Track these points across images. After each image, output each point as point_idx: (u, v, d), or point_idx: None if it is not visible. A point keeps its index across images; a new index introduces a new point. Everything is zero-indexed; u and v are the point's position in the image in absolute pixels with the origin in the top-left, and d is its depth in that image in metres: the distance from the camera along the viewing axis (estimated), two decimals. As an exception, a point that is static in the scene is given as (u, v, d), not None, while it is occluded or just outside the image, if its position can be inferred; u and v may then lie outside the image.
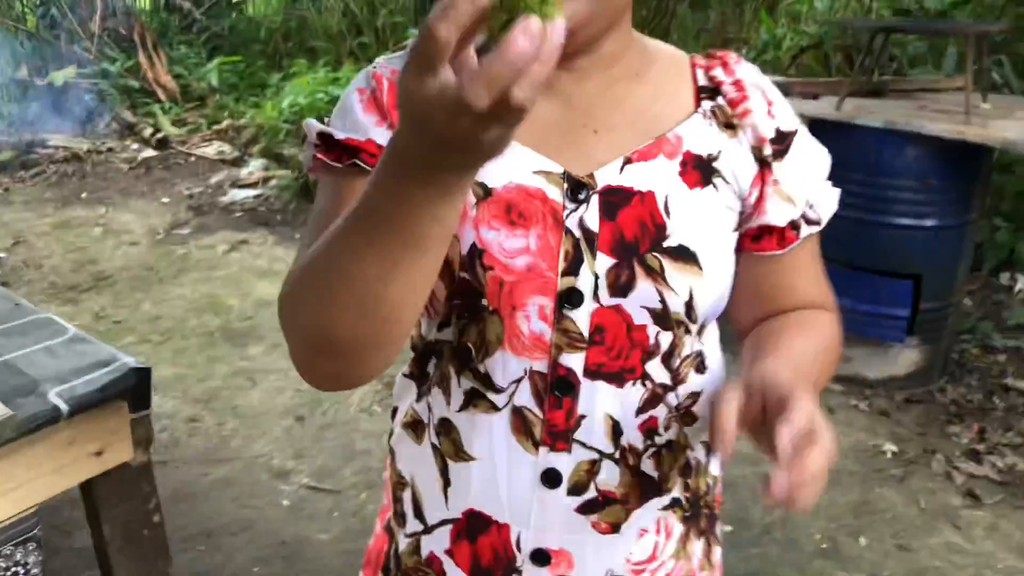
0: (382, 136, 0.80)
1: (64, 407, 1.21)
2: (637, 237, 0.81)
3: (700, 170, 0.84)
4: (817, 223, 0.89)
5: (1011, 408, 3.03)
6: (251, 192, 5.85)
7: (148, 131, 6.98)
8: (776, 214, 0.87)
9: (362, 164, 0.80)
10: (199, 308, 4.15)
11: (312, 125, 0.84)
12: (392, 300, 0.65)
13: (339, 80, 6.56)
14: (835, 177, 2.92)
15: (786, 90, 3.18)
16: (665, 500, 0.90)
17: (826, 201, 0.91)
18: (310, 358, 0.74)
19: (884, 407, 3.07)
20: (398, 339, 0.71)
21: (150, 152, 6.78)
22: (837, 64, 5.97)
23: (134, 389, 1.30)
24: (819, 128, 3.00)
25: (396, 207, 0.60)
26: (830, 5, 6.91)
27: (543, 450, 0.84)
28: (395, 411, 0.98)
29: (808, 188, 0.89)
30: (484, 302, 0.82)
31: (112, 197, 5.98)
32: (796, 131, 0.89)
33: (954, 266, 3.00)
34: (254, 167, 6.23)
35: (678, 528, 0.93)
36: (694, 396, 0.88)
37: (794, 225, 0.87)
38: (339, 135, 0.81)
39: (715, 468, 0.98)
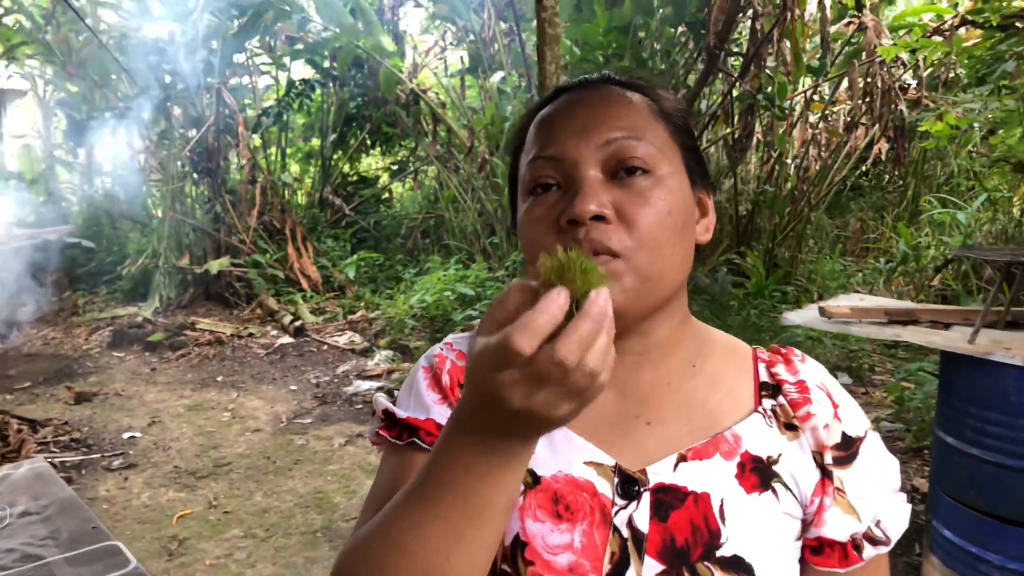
0: (441, 416, 0.82)
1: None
2: (689, 543, 0.75)
3: (759, 473, 0.79)
4: (884, 543, 0.80)
5: None
6: (375, 383, 5.99)
7: (288, 318, 7.36)
8: (837, 528, 0.79)
9: (420, 443, 0.80)
10: (306, 504, 4.16)
11: (379, 402, 0.86)
12: (454, 570, 0.64)
13: (467, 277, 6.79)
14: (971, 415, 2.66)
15: (914, 318, 3.01)
16: None
17: (896, 517, 0.81)
18: None
19: None
20: None
21: (287, 339, 7.12)
22: (987, 278, 5.71)
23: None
24: (950, 361, 2.79)
25: (460, 476, 0.62)
26: (975, 217, 6.71)
27: None
28: None
29: (876, 501, 0.80)
30: None
31: (245, 382, 6.25)
32: (865, 436, 0.82)
33: (1121, 521, 2.63)
34: (380, 359, 6.41)
35: None
36: None
37: (856, 544, 0.78)
38: (401, 414, 0.83)
39: None
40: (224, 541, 3.83)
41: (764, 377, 0.84)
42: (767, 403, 0.82)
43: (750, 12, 6.05)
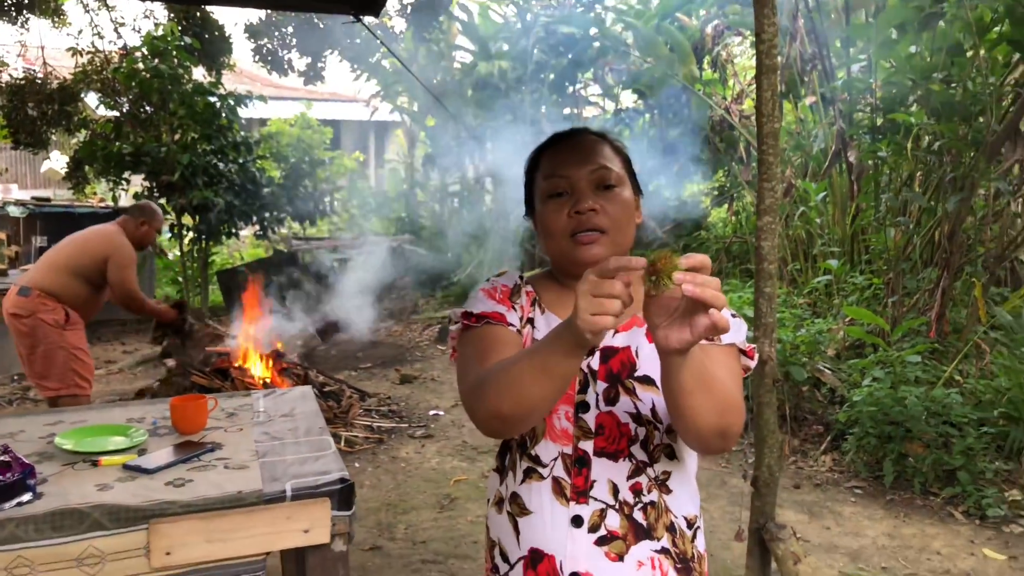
0: (501, 308, 1.40)
1: (290, 493, 1.73)
2: (620, 371, 1.36)
3: None
4: (716, 342, 1.31)
5: None
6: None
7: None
8: None
9: (491, 322, 1.38)
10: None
11: (456, 312, 1.45)
12: (533, 398, 1.17)
13: (757, 300, 6.82)
14: None
15: None
16: (656, 545, 1.35)
17: (734, 330, 1.32)
18: (485, 422, 1.25)
19: None
20: (532, 420, 1.24)
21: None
22: None
23: (339, 493, 1.77)
24: None
25: (544, 350, 1.14)
26: None
27: (572, 503, 1.34)
28: (488, 500, 1.52)
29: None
30: None
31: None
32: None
33: None
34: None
35: (672, 573, 1.35)
36: (667, 473, 1.37)
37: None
38: (476, 310, 1.41)
39: (700, 544, 1.42)
40: (485, 504, 4.42)
41: None
42: None
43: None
